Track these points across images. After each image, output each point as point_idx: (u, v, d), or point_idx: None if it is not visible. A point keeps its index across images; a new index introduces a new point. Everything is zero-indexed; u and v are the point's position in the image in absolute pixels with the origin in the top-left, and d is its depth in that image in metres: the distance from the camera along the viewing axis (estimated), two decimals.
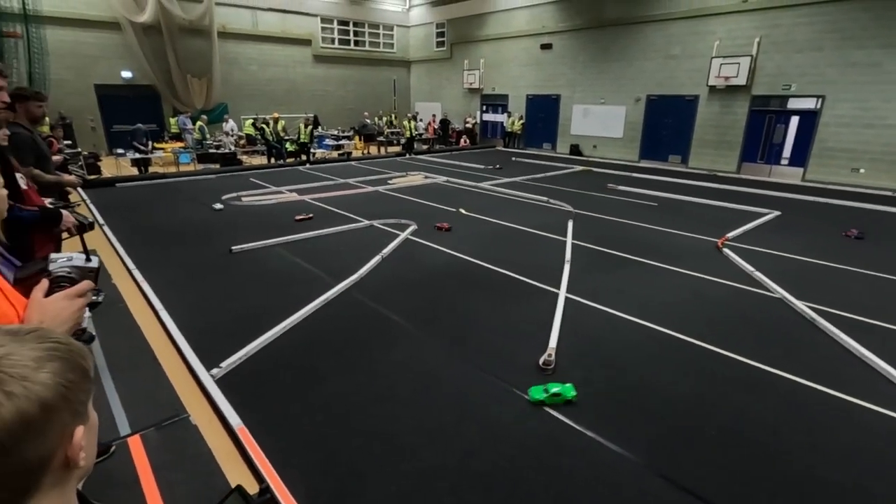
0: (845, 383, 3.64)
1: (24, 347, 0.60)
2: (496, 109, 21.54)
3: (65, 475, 0.64)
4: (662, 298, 5.20)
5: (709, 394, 3.53)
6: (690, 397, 3.48)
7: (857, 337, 4.22)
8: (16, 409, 0.55)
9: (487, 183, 11.94)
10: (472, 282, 5.61)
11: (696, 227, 7.99)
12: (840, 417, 3.29)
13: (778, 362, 3.91)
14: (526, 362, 3.87)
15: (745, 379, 3.73)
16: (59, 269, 1.10)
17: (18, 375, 0.57)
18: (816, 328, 4.53)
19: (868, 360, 3.92)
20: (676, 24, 14.90)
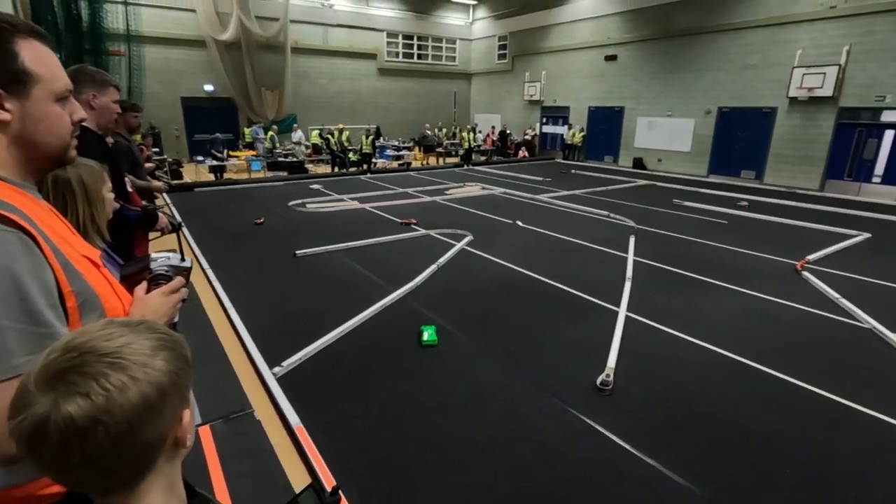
0: None
1: (140, 337, 0.66)
2: (556, 121, 21.27)
3: (174, 455, 0.70)
4: (732, 322, 4.88)
5: (784, 429, 3.26)
6: (763, 431, 3.23)
7: None
8: (140, 392, 0.61)
9: (545, 195, 11.79)
10: (528, 295, 5.54)
11: (771, 248, 7.47)
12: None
13: (867, 400, 3.56)
14: (582, 381, 3.76)
15: (827, 416, 3.41)
16: (159, 267, 1.20)
17: (140, 362, 0.63)
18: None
19: None
20: (754, 33, 14.11)
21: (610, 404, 3.49)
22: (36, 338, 0.86)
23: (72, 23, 9.68)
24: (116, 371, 0.61)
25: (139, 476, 0.66)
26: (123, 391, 0.60)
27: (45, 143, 1.01)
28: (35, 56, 0.97)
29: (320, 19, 20.16)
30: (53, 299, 0.91)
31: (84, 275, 0.98)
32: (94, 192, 1.73)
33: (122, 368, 0.61)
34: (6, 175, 0.96)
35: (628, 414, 3.39)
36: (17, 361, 0.84)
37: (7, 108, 0.94)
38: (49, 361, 0.61)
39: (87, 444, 0.58)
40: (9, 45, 0.93)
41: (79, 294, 0.96)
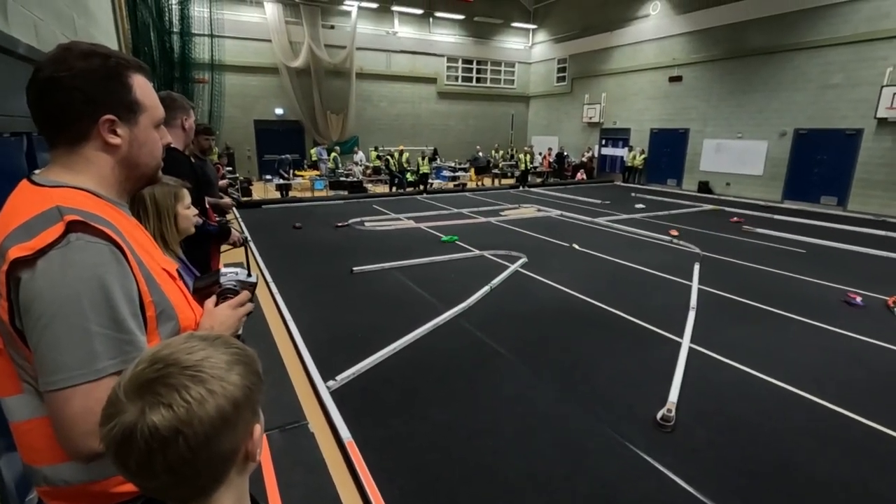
0: None
1: (218, 351, 0.69)
2: (616, 143, 20.80)
3: (244, 468, 0.73)
4: (812, 361, 4.48)
5: (871, 482, 2.92)
6: (851, 485, 2.91)
7: None
8: (216, 405, 0.64)
9: (604, 218, 11.48)
10: (584, 321, 5.37)
11: (857, 282, 6.83)
12: None
13: None
14: (642, 415, 3.56)
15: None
16: (228, 282, 1.27)
17: (217, 376, 0.66)
18: None
19: None
20: (836, 51, 13.24)
21: (672, 442, 3.28)
22: (119, 343, 0.94)
23: (165, 54, 10.74)
24: (196, 384, 0.64)
25: (213, 487, 0.68)
26: (202, 403, 0.63)
27: (144, 165, 1.13)
28: (142, 88, 1.10)
29: (384, 46, 21.04)
30: (136, 308, 0.99)
31: (162, 286, 1.06)
32: (165, 209, 1.86)
33: (201, 381, 0.64)
34: (105, 194, 1.07)
35: (692, 454, 3.17)
36: (103, 364, 0.92)
37: (119, 133, 1.06)
38: (137, 372, 0.65)
39: (169, 452, 0.61)
40: (125, 79, 1.06)
41: (157, 304, 1.04)
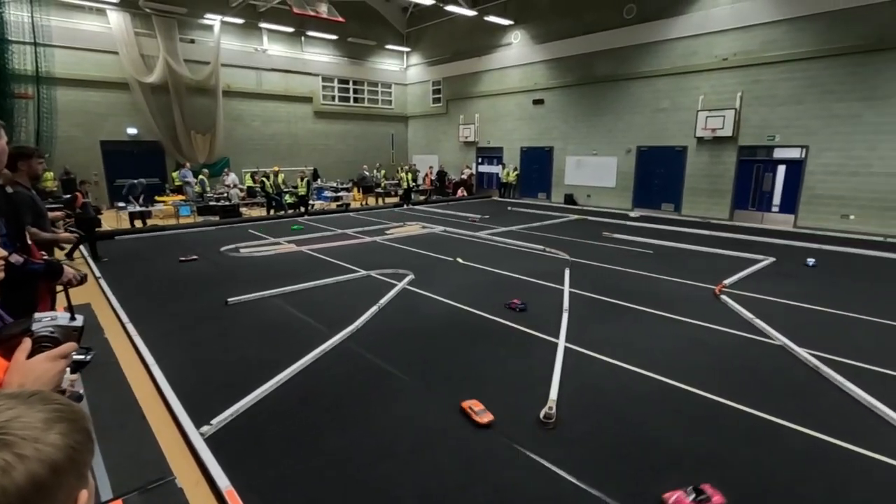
0: (856, 435, 3.53)
1: (32, 410, 0.60)
2: (491, 161, 22.11)
3: None
4: (663, 347, 5.13)
5: (718, 449, 3.41)
6: (700, 452, 3.36)
7: (862, 384, 4.14)
8: (28, 471, 0.54)
9: (484, 232, 12.07)
10: (471, 332, 5.55)
11: (692, 275, 8.02)
12: (853, 471, 3.16)
13: (786, 414, 3.81)
14: (527, 416, 3.76)
15: (754, 432, 3.61)
16: (43, 328, 1.07)
17: (30, 437, 0.56)
18: (820, 376, 4.45)
19: (875, 408, 3.82)
20: (663, 80, 15.60)
21: (555, 438, 3.50)
22: None
23: None
24: (1, 449, 0.54)
25: None
26: (7, 472, 0.53)
27: None
28: None
29: (254, 63, 20.07)
30: None
31: None
32: None
33: (7, 445, 0.55)
34: None
35: (573, 445, 3.41)
36: None
37: None
38: None
39: None
40: None
41: None
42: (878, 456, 3.29)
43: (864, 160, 12.12)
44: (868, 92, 11.88)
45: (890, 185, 11.82)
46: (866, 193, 12.19)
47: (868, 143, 12.01)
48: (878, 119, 11.79)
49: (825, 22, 12.26)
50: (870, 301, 6.66)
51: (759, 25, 13.36)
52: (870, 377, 4.40)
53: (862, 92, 11.97)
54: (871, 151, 12.00)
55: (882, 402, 3.85)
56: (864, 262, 9.19)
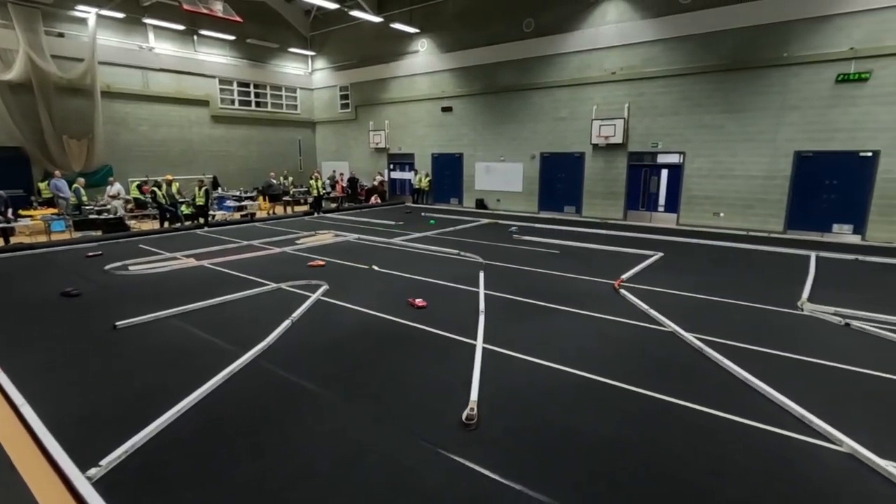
0: (736, 407, 4.00)
1: None
2: (403, 167, 22.16)
3: None
4: (573, 342, 5.45)
5: (626, 432, 3.68)
6: (610, 438, 3.61)
7: (738, 361, 4.72)
8: None
9: (399, 238, 12.04)
10: (389, 340, 5.49)
11: (594, 272, 8.63)
12: (734, 438, 3.58)
13: (678, 393, 4.23)
14: (450, 419, 3.80)
15: (655, 413, 3.96)
16: None
17: None
18: (704, 357, 4.99)
19: (750, 382, 4.37)
20: (561, 91, 16.67)
21: (477, 438, 3.57)
22: None
23: None
24: None
25: None
26: None
27: None
28: None
29: (139, 62, 18.30)
30: None
31: None
32: None
33: None
34: None
35: (495, 444, 3.50)
36: None
37: None
38: None
39: None
40: None
41: None
42: (754, 423, 3.76)
43: (728, 165, 13.87)
44: (728, 105, 13.62)
45: (749, 186, 13.63)
46: (731, 194, 13.95)
47: (731, 150, 13.76)
48: (738, 129, 13.57)
49: (693, 43, 13.88)
50: (739, 288, 7.61)
51: (641, 44, 14.78)
52: (743, 354, 5.02)
53: (724, 105, 13.70)
54: (733, 157, 13.76)
55: (755, 377, 4.41)
56: (733, 254, 10.50)
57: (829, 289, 7.52)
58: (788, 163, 12.96)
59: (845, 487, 3.04)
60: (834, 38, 11.94)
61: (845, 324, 5.92)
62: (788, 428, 3.69)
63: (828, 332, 5.71)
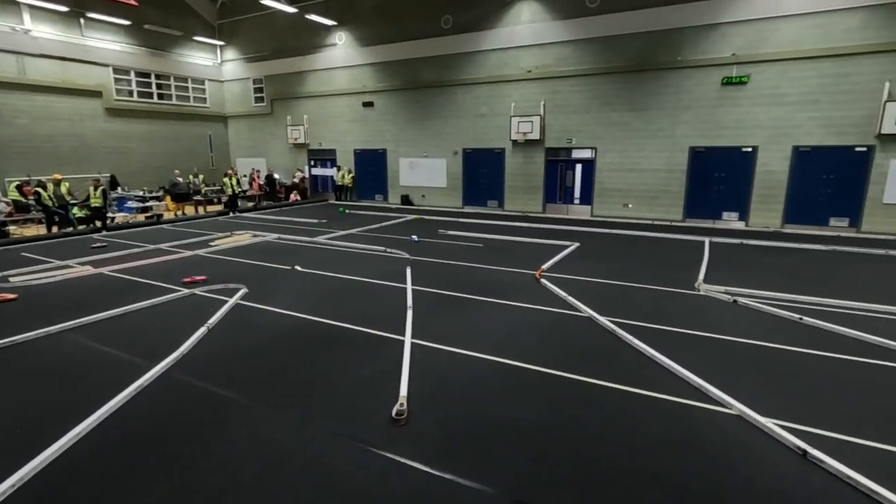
0: (647, 382, 4.36)
1: None
2: (325, 164, 21.54)
3: None
4: (498, 331, 5.63)
5: (551, 415, 3.88)
6: (536, 421, 3.78)
7: (646, 340, 5.14)
8: None
9: (323, 237, 11.72)
10: (316, 341, 5.35)
11: (517, 263, 8.95)
12: (647, 409, 3.90)
13: (595, 373, 4.52)
14: (380, 416, 3.78)
15: (577, 394, 4.20)
16: None
17: None
18: (618, 338, 5.37)
19: (657, 358, 4.78)
20: (481, 88, 17.03)
21: (408, 432, 3.59)
22: None
23: None
24: None
25: None
26: None
27: None
28: None
29: (12, 46, 16.15)
30: None
31: None
32: None
33: None
34: None
35: (425, 437, 3.54)
36: None
37: None
38: None
39: None
40: None
41: None
42: (662, 396, 4.12)
43: (635, 159, 14.96)
44: (633, 104, 14.67)
45: (654, 179, 14.80)
46: (638, 186, 15.07)
47: (637, 145, 14.85)
48: (642, 126, 14.66)
49: (600, 45, 14.77)
50: (646, 273, 8.25)
51: (554, 44, 15.47)
52: (651, 334, 5.47)
53: (629, 104, 14.73)
54: (639, 152, 14.86)
55: (661, 353, 4.83)
56: (641, 242, 11.36)
57: (721, 270, 8.39)
58: (685, 157, 14.24)
59: (736, 445, 3.43)
60: (718, 44, 13.25)
61: (733, 301, 6.65)
62: (690, 397, 4.08)
63: (719, 309, 6.38)
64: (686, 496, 2.92)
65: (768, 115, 13.02)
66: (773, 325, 5.76)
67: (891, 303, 6.42)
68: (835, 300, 6.58)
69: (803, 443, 3.33)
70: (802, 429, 3.58)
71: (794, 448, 3.34)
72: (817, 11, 12.09)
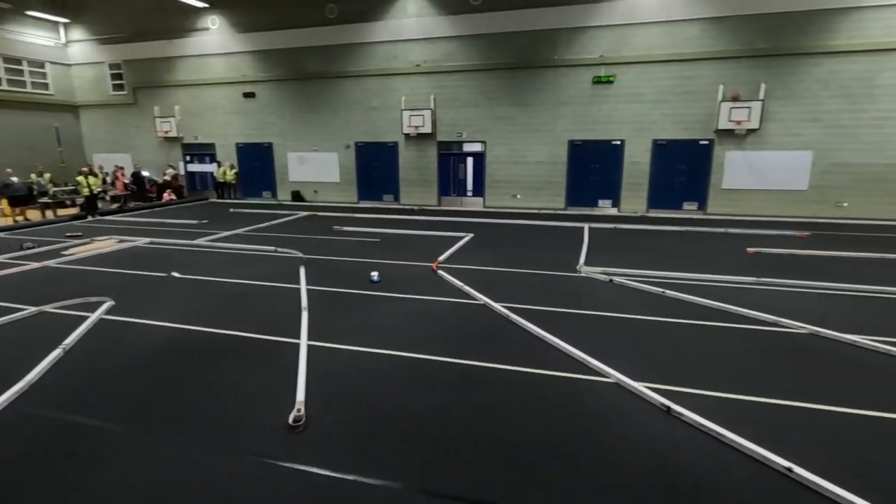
0: (539, 361, 4.65)
1: None
2: (203, 159, 19.78)
3: None
4: (398, 325, 5.63)
5: (453, 402, 3.97)
6: (437, 410, 3.85)
7: (536, 322, 5.48)
8: None
9: (204, 239, 10.77)
10: (201, 353, 4.91)
11: (415, 256, 9.02)
12: (542, 387, 4.17)
13: (492, 357, 4.72)
14: (276, 426, 3.59)
15: (476, 379, 4.35)
16: None
17: None
18: (511, 322, 5.66)
19: (547, 339, 5.12)
20: (371, 80, 16.77)
21: (307, 439, 3.46)
22: None
23: None
24: None
25: None
26: None
27: None
28: None
29: None
30: None
31: None
32: None
33: None
34: None
35: (326, 441, 3.43)
36: None
37: None
38: None
39: None
40: None
41: None
42: (552, 372, 4.43)
43: (521, 152, 15.83)
44: (517, 99, 15.48)
45: (538, 171, 15.78)
46: (525, 178, 15.98)
47: (522, 139, 15.71)
48: (527, 121, 15.54)
49: (485, 42, 15.32)
50: (535, 259, 8.80)
51: (440, 39, 15.72)
52: (540, 315, 5.84)
53: (514, 99, 15.51)
54: (525, 146, 15.74)
55: (549, 333, 5.18)
56: (529, 230, 12.06)
57: (598, 253, 9.22)
58: (565, 150, 15.39)
59: (614, 410, 3.80)
60: (588, 46, 14.46)
61: (609, 280, 7.35)
62: (575, 371, 4.44)
63: (598, 289, 7.02)
64: (575, 462, 3.18)
65: (631, 111, 14.52)
66: (642, 300, 6.48)
67: (732, 273, 7.56)
68: (690, 274, 7.59)
69: (667, 401, 3.80)
70: (667, 388, 4.08)
71: (660, 406, 3.79)
72: (666, 21, 13.73)
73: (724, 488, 2.91)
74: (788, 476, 2.98)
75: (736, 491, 2.89)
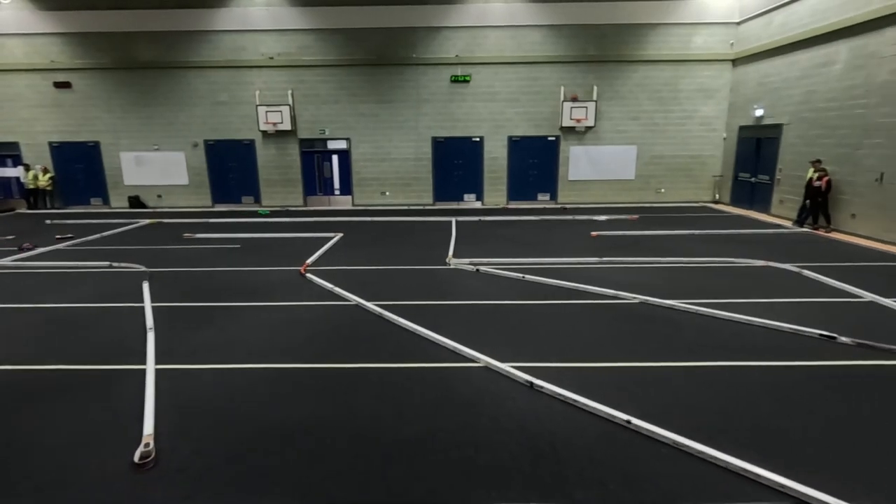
0: (413, 356, 4.70)
1: None
2: (4, 162, 16.32)
3: None
4: (263, 335, 5.27)
5: (327, 408, 3.82)
6: (312, 419, 3.67)
7: (408, 317, 5.55)
8: None
9: (10, 259, 8.90)
10: (16, 396, 4.05)
11: (280, 260, 8.52)
12: (417, 382, 4.22)
13: (368, 358, 4.67)
14: (119, 466, 3.11)
15: (350, 381, 4.24)
16: None
17: None
18: (384, 320, 5.65)
19: (420, 332, 5.21)
20: (218, 73, 15.32)
21: (158, 475, 3.06)
22: None
23: None
24: None
25: None
26: None
27: None
28: None
29: None
30: None
31: None
32: None
33: None
34: None
35: (181, 473, 3.07)
36: None
37: None
38: None
39: None
40: None
41: None
42: (426, 364, 4.51)
43: (387, 149, 15.84)
44: (380, 96, 15.43)
45: (405, 168, 15.95)
46: (392, 174, 16.04)
47: (387, 136, 15.72)
48: (390, 117, 15.57)
49: (342, 37, 14.96)
50: (405, 254, 8.90)
51: (294, 31, 14.96)
52: (413, 310, 5.92)
53: (377, 96, 15.43)
54: (390, 142, 15.77)
55: (422, 326, 5.28)
56: (399, 226, 12.15)
57: (466, 245, 9.65)
58: (429, 147, 15.77)
59: (485, 392, 4.02)
60: (445, 45, 14.96)
61: (476, 270, 7.74)
62: (448, 360, 4.59)
63: (466, 279, 7.34)
64: (451, 448, 3.29)
65: (487, 109, 15.41)
66: (506, 285, 6.94)
67: (580, 255, 8.47)
68: (546, 258, 8.33)
69: (530, 377, 4.12)
70: (530, 365, 4.42)
71: (524, 383, 4.10)
72: (512, 25, 14.79)
73: (578, 447, 3.25)
74: (628, 427, 3.44)
75: (587, 448, 3.25)
